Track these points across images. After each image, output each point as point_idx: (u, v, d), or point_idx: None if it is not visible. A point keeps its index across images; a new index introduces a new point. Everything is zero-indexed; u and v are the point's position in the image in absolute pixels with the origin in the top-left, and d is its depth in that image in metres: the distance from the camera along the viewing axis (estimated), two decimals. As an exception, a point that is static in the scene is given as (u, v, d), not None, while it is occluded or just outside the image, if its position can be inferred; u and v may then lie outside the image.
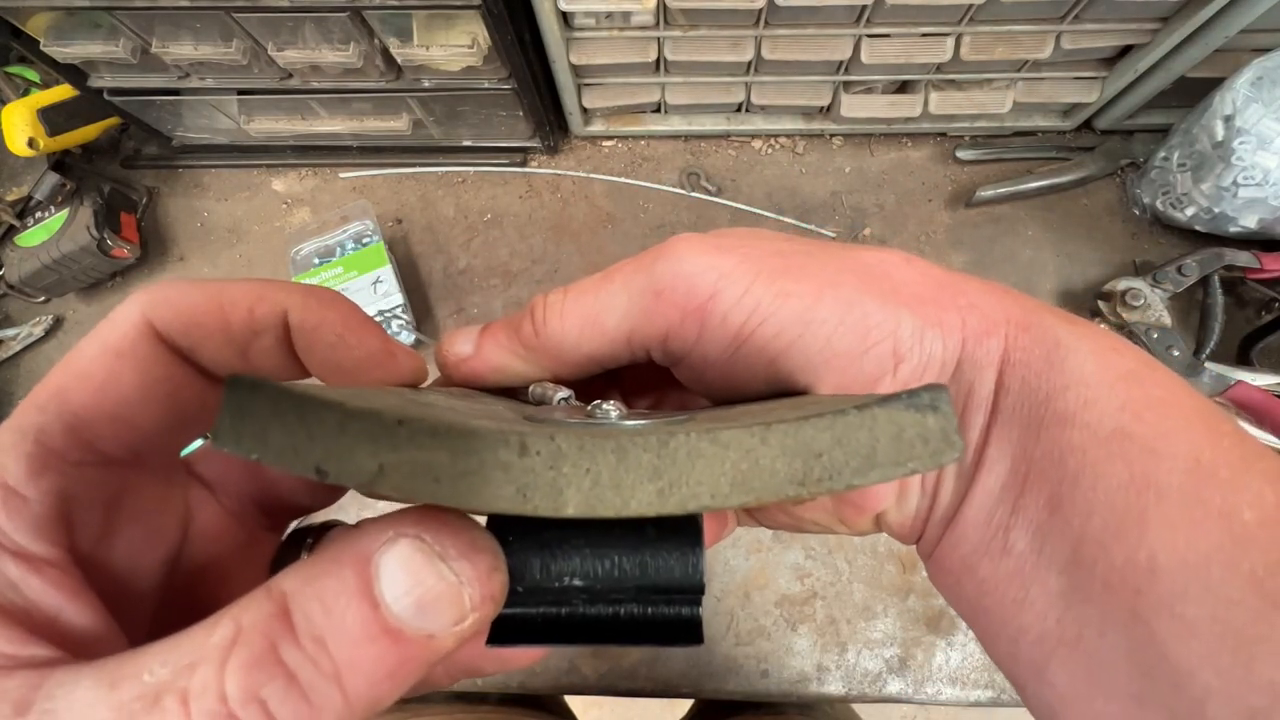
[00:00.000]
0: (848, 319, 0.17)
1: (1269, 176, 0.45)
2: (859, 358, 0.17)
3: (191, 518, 0.18)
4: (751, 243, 0.19)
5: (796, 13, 0.45)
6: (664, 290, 0.18)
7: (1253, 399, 0.47)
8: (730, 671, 0.49)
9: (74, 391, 0.15)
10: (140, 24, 0.45)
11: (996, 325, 0.18)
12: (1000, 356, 0.18)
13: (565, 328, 0.19)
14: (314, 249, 0.56)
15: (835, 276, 0.18)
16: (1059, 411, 0.17)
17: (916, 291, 0.18)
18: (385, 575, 0.12)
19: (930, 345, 0.18)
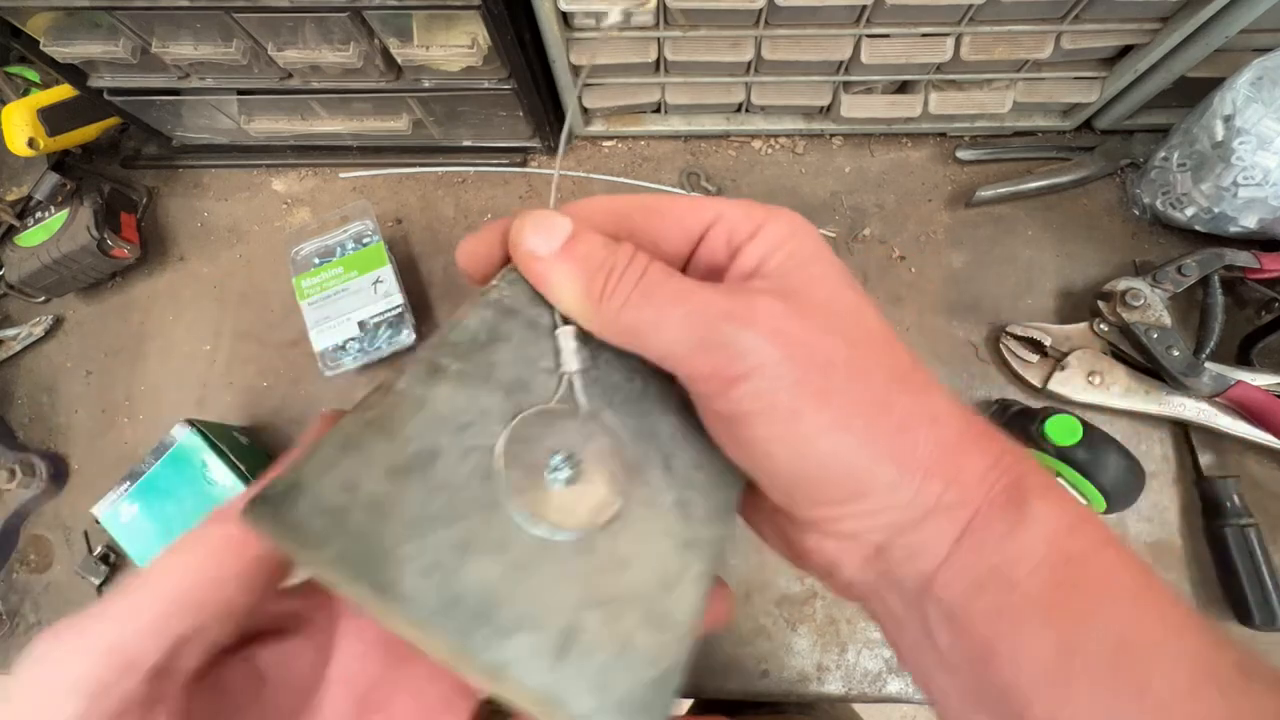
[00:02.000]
0: (835, 465, 0.19)
1: (1269, 176, 0.45)
2: (823, 486, 0.20)
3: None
4: (818, 339, 0.19)
5: (796, 13, 0.45)
6: (712, 346, 0.19)
7: (1252, 399, 0.47)
8: (730, 671, 0.49)
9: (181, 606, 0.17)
10: (140, 24, 0.45)
11: (972, 499, 0.19)
12: (965, 524, 0.19)
13: (620, 317, 0.19)
14: (314, 249, 0.56)
15: (855, 417, 0.19)
16: (1007, 578, 0.19)
17: (922, 455, 0.19)
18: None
19: (900, 496, 0.19)
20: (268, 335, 0.58)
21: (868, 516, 0.20)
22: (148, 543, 0.47)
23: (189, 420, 0.49)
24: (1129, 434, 0.51)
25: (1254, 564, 0.46)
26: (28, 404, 0.58)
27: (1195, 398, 0.49)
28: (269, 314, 0.58)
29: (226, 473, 0.47)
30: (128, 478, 0.48)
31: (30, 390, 0.58)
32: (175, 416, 0.51)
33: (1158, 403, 0.49)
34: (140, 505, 0.47)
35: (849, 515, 0.20)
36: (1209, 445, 0.50)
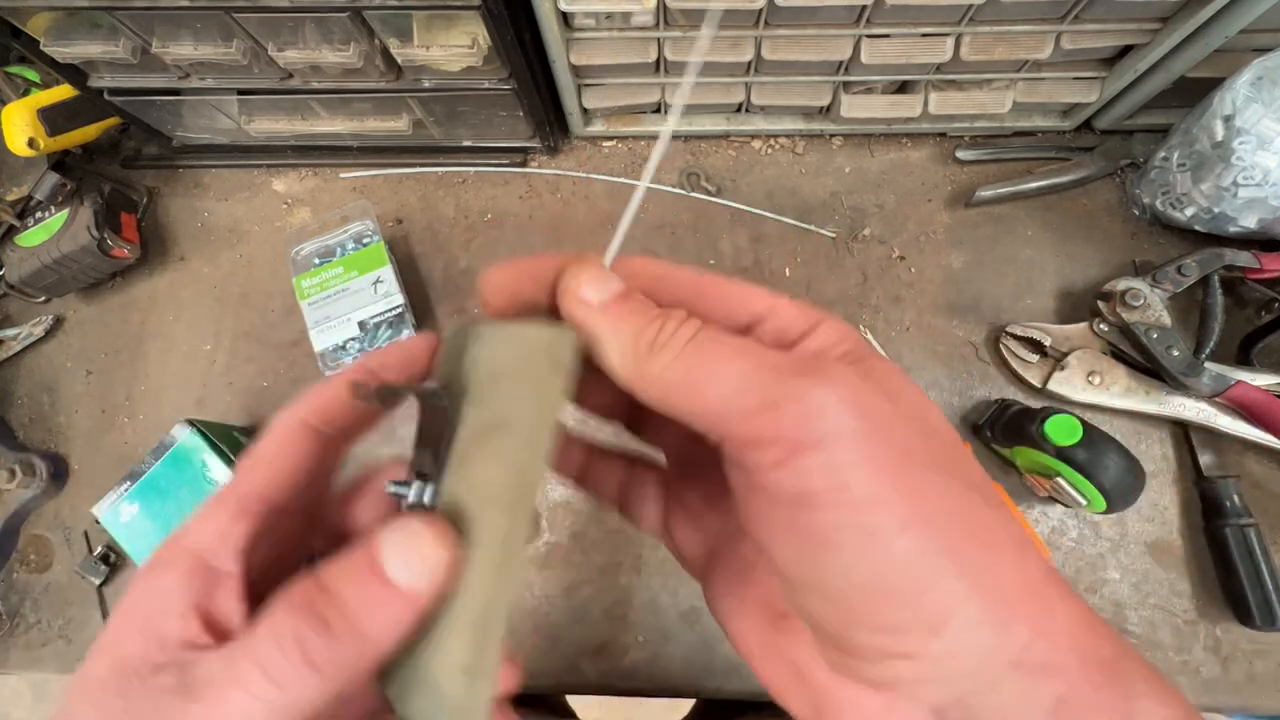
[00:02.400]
0: (913, 575, 0.15)
1: (1269, 176, 0.45)
2: (893, 603, 0.15)
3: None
4: (897, 421, 0.16)
5: (796, 13, 0.45)
6: (779, 404, 0.15)
7: (1252, 399, 0.47)
8: (730, 671, 0.49)
9: (261, 482, 0.20)
10: (140, 24, 0.45)
11: (1066, 662, 0.15)
12: (1058, 697, 0.15)
13: (670, 369, 0.17)
14: (314, 249, 0.56)
15: (940, 520, 0.15)
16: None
17: (1009, 587, 0.16)
18: (385, 550, 0.17)
19: (981, 637, 0.15)
20: (268, 335, 0.58)
21: (940, 661, 0.15)
22: (148, 543, 0.47)
23: (189, 420, 0.49)
24: (1129, 434, 0.51)
25: (1254, 564, 0.46)
26: (28, 404, 0.58)
27: (1195, 398, 0.49)
28: (269, 314, 0.58)
29: (227, 473, 0.47)
30: (128, 478, 0.48)
31: (30, 390, 0.58)
32: (175, 416, 0.51)
33: (1158, 403, 0.49)
34: (140, 505, 0.47)
35: (920, 653, 0.15)
36: (1209, 445, 0.50)
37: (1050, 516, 0.50)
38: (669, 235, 0.58)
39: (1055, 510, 0.50)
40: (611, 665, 0.49)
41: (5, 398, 0.58)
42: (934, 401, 0.19)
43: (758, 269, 0.57)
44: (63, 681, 1.69)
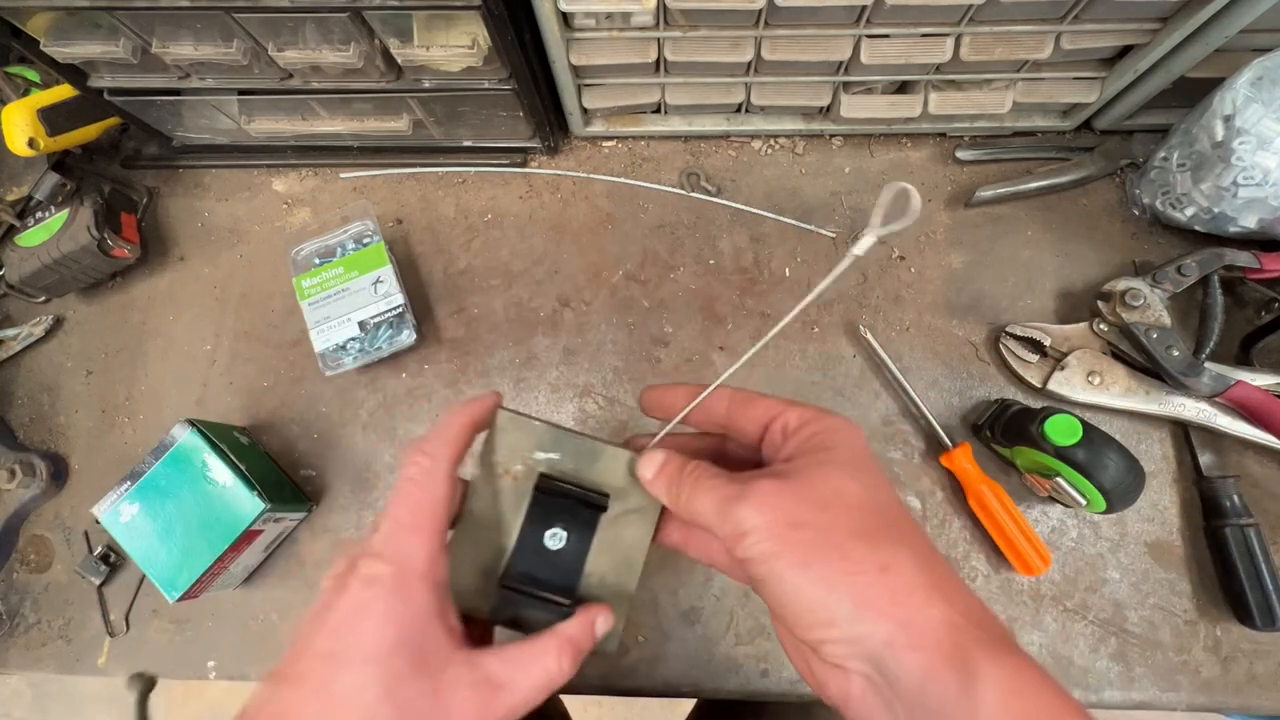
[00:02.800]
0: (804, 596, 0.25)
1: (1269, 176, 0.45)
2: (800, 612, 0.26)
3: None
4: (795, 506, 0.26)
5: (796, 13, 0.45)
6: (725, 519, 0.27)
7: (1252, 399, 0.47)
8: (730, 671, 0.49)
9: (435, 506, 0.29)
10: (140, 24, 0.45)
11: (924, 645, 0.23)
12: (923, 670, 0.23)
13: (686, 505, 0.29)
14: (314, 249, 0.56)
15: (817, 561, 0.25)
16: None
17: (873, 596, 0.24)
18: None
19: (867, 632, 0.24)
20: (268, 335, 0.58)
21: (843, 644, 0.25)
22: (148, 543, 0.47)
23: (189, 420, 0.49)
24: (1129, 434, 0.51)
25: (1254, 564, 0.46)
26: (28, 404, 0.58)
27: (1195, 397, 0.49)
28: (269, 314, 0.58)
29: (227, 472, 0.47)
30: (128, 478, 0.48)
31: (31, 390, 0.58)
32: (175, 416, 0.51)
33: (1157, 403, 0.49)
34: (141, 505, 0.47)
35: (829, 641, 0.25)
36: (1208, 445, 0.50)
37: (1050, 516, 0.50)
38: (669, 235, 0.58)
39: (1055, 510, 0.50)
40: (611, 665, 0.49)
41: (5, 398, 0.58)
42: (861, 473, 0.28)
43: (757, 269, 0.57)
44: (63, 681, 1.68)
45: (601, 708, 1.38)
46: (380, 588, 0.27)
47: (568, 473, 0.33)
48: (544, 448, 0.34)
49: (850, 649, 0.24)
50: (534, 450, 0.33)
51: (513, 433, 0.33)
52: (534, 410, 0.55)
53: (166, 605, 0.53)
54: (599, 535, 0.33)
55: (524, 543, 0.33)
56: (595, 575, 0.33)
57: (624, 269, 0.57)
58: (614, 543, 0.33)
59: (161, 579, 0.47)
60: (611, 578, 0.33)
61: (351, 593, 0.27)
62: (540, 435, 0.33)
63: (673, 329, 0.56)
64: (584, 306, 0.57)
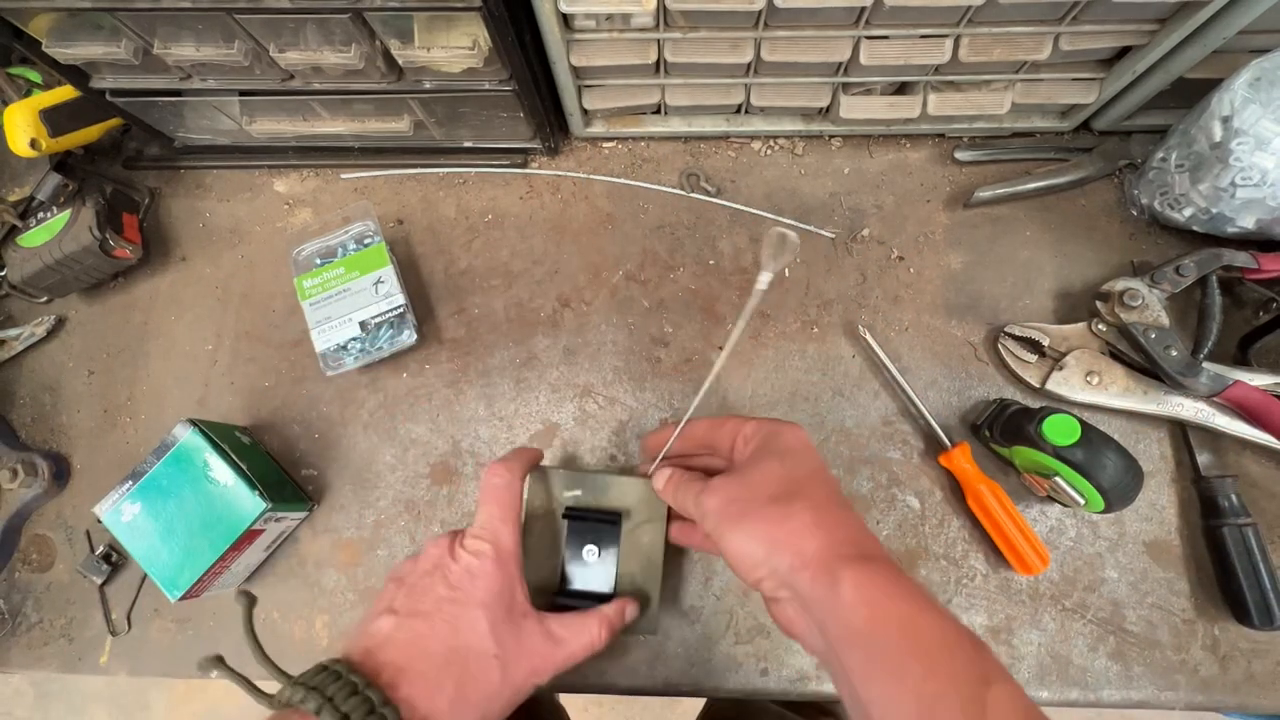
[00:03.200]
0: (736, 548, 0.36)
1: (1267, 177, 0.45)
2: (739, 560, 0.36)
3: None
4: (735, 489, 0.38)
5: (796, 14, 0.46)
6: (698, 509, 0.39)
7: (1250, 399, 0.47)
8: (729, 670, 0.49)
9: (516, 506, 0.42)
10: (142, 25, 0.45)
11: (808, 565, 0.33)
12: (809, 583, 0.33)
13: (681, 506, 0.41)
14: (315, 249, 0.56)
15: (742, 523, 0.36)
16: (833, 616, 0.33)
17: (780, 539, 0.35)
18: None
19: (777, 563, 0.34)
20: (269, 335, 0.58)
21: (769, 578, 0.35)
22: (149, 542, 0.47)
23: (191, 420, 0.49)
24: (1127, 434, 0.51)
25: (1252, 563, 0.46)
26: (30, 404, 0.58)
27: (1193, 397, 0.49)
28: (271, 314, 0.58)
29: (229, 472, 0.48)
30: (130, 477, 0.48)
31: (32, 390, 0.58)
32: (177, 416, 0.51)
33: (1156, 402, 0.49)
34: (142, 505, 0.48)
35: (761, 577, 0.35)
36: (1207, 445, 0.50)
37: (1049, 516, 0.51)
38: (669, 236, 0.58)
39: (1054, 510, 0.51)
40: (612, 664, 0.49)
41: (7, 397, 0.58)
42: (786, 457, 0.38)
43: (757, 269, 0.56)
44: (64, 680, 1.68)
45: (601, 707, 1.38)
46: (486, 558, 0.38)
47: (589, 503, 0.46)
48: (569, 487, 0.46)
49: (774, 580, 0.35)
50: (563, 491, 0.46)
51: (546, 482, 0.46)
52: (534, 411, 0.55)
53: (168, 604, 0.53)
54: (623, 545, 0.45)
55: (568, 560, 0.45)
56: (626, 576, 0.45)
57: (624, 269, 0.57)
58: (636, 549, 0.45)
59: (163, 578, 0.47)
60: (640, 576, 0.45)
61: (465, 558, 0.38)
62: (565, 479, 0.46)
63: (673, 329, 0.56)
64: (584, 307, 0.57)
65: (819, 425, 0.53)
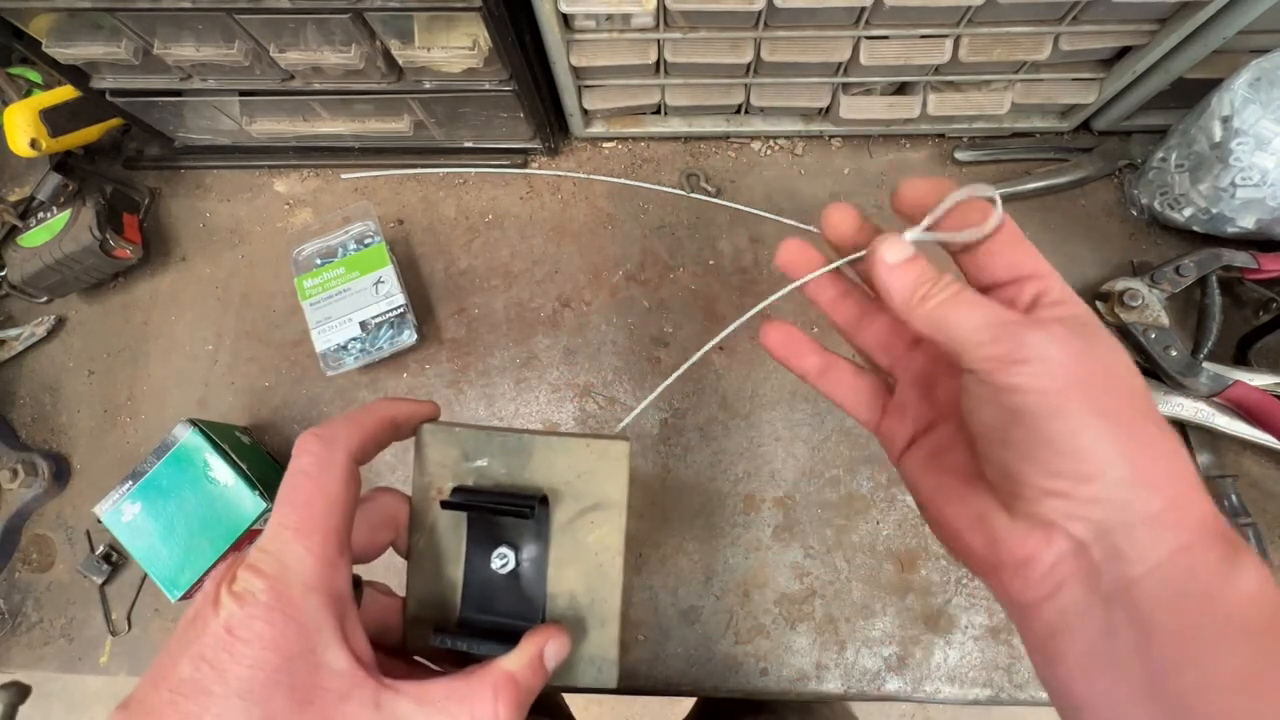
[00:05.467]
0: (1080, 440, 0.22)
1: (1267, 177, 0.45)
2: (1063, 456, 0.22)
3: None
4: (1095, 358, 0.23)
5: (796, 14, 0.46)
6: (1003, 338, 0.23)
7: (1250, 399, 0.47)
8: (729, 670, 0.49)
9: (330, 502, 0.25)
10: (142, 25, 0.45)
11: (1189, 526, 0.22)
12: (1179, 545, 0.22)
13: (932, 311, 0.25)
14: (316, 249, 0.56)
15: (1109, 417, 0.22)
16: (1213, 600, 0.21)
17: (1156, 471, 0.22)
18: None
19: (1124, 494, 0.22)
20: (270, 335, 0.58)
21: (1087, 504, 0.22)
22: (150, 542, 0.47)
23: (191, 420, 0.49)
24: (1127, 434, 0.51)
25: (1251, 563, 0.46)
26: (30, 404, 0.58)
27: (1193, 397, 0.49)
28: (271, 314, 0.58)
29: (229, 472, 0.48)
30: (130, 477, 0.48)
31: (33, 390, 0.58)
32: (177, 416, 0.51)
33: (1155, 402, 0.49)
34: (142, 505, 0.48)
35: (1073, 495, 0.22)
36: (1207, 445, 0.50)
37: (1049, 516, 0.51)
38: (669, 235, 0.58)
39: (1054, 510, 0.51)
40: (612, 664, 0.49)
41: (8, 397, 0.58)
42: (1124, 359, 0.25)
43: (757, 269, 0.57)
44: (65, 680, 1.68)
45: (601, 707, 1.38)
46: (257, 605, 0.22)
47: (499, 479, 0.28)
48: (469, 455, 0.28)
49: (1090, 510, 0.22)
50: (460, 460, 0.28)
51: (437, 446, 0.28)
52: (534, 411, 0.55)
53: (168, 604, 0.53)
54: (555, 547, 0.28)
55: (471, 572, 0.28)
56: (563, 595, 0.28)
57: (624, 269, 0.57)
58: (577, 553, 0.28)
59: (163, 578, 0.47)
60: (585, 595, 0.28)
61: (225, 610, 0.22)
62: (464, 441, 0.28)
63: (673, 329, 0.56)
64: (584, 307, 0.57)
65: (819, 425, 0.53)
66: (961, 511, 0.26)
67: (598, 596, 0.28)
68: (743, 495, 0.52)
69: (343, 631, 0.23)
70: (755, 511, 0.52)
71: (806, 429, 0.53)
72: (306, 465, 0.25)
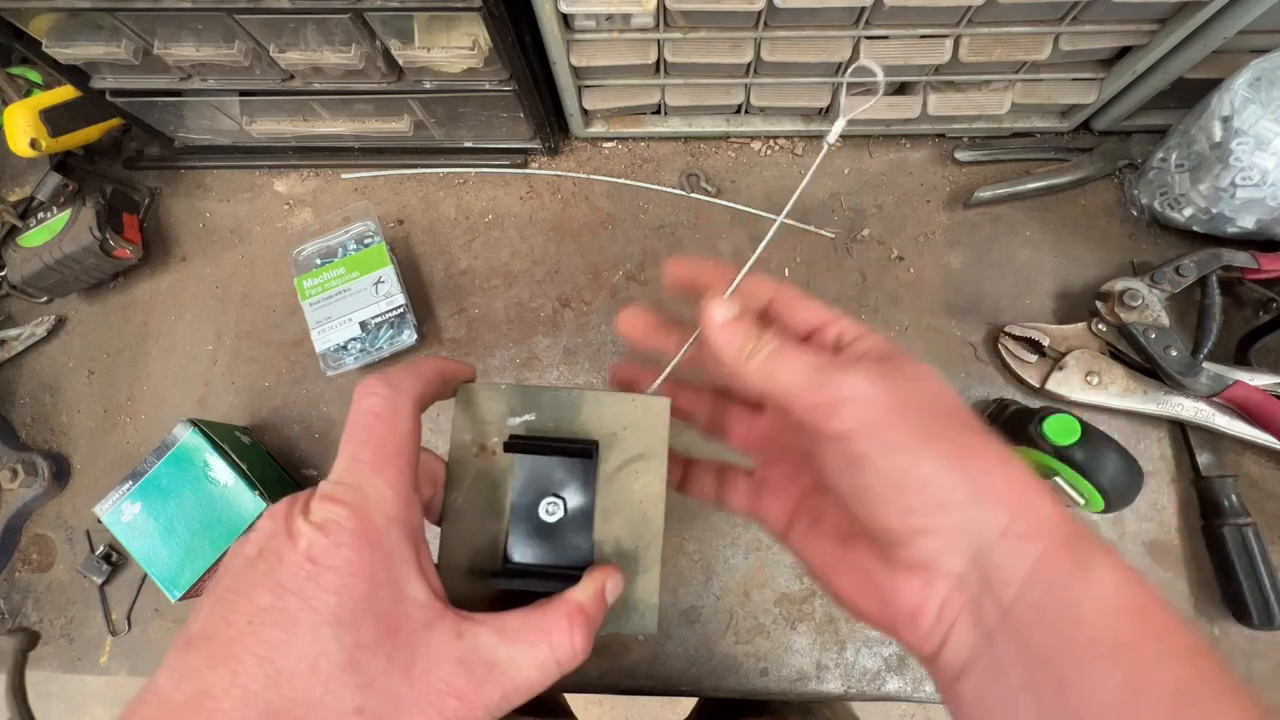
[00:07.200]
0: (916, 473, 0.23)
1: (1267, 177, 0.45)
2: (908, 492, 0.23)
3: None
4: (904, 387, 0.24)
5: (796, 14, 0.46)
6: (822, 385, 0.25)
7: (1250, 399, 0.47)
8: (729, 670, 0.49)
9: (403, 450, 0.25)
10: (142, 25, 0.45)
11: (1041, 534, 0.22)
12: (1036, 558, 0.22)
13: (758, 366, 0.26)
14: (316, 249, 0.56)
15: (933, 440, 0.23)
16: (1076, 615, 0.21)
17: (994, 482, 0.23)
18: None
19: (974, 514, 0.22)
20: (270, 335, 0.58)
21: (950, 535, 0.23)
22: (150, 542, 0.47)
23: (191, 420, 0.49)
24: (1127, 434, 0.51)
25: (1252, 564, 0.46)
26: (30, 404, 0.58)
27: (1193, 397, 0.49)
28: (271, 314, 0.58)
29: (229, 472, 0.48)
30: (130, 477, 0.48)
31: (32, 390, 0.58)
32: (177, 416, 0.51)
33: (1156, 402, 0.49)
34: (142, 505, 0.48)
35: (932, 530, 0.23)
36: (1207, 445, 0.50)
37: (1049, 516, 0.51)
38: (669, 235, 0.58)
39: (1054, 510, 0.51)
40: (612, 664, 0.49)
41: (7, 397, 0.58)
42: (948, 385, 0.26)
43: (757, 269, 0.57)
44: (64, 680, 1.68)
45: (601, 707, 1.38)
46: (341, 533, 0.21)
47: (549, 429, 0.29)
48: (516, 411, 0.29)
49: (953, 541, 0.22)
50: (506, 417, 0.29)
51: (480, 404, 0.29)
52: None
53: (168, 604, 0.53)
54: (601, 496, 0.29)
55: (517, 521, 0.29)
56: (609, 542, 0.29)
57: (624, 269, 0.57)
58: (622, 501, 0.29)
59: (163, 578, 0.47)
60: (630, 541, 0.29)
61: (305, 539, 0.21)
62: (510, 398, 0.29)
63: (673, 329, 0.56)
64: (584, 307, 0.57)
65: (819, 425, 0.53)
66: (849, 576, 0.26)
67: (641, 543, 0.29)
68: (743, 495, 0.52)
69: (421, 565, 0.23)
70: (755, 511, 0.52)
71: (806, 429, 0.53)
72: (376, 406, 0.25)
